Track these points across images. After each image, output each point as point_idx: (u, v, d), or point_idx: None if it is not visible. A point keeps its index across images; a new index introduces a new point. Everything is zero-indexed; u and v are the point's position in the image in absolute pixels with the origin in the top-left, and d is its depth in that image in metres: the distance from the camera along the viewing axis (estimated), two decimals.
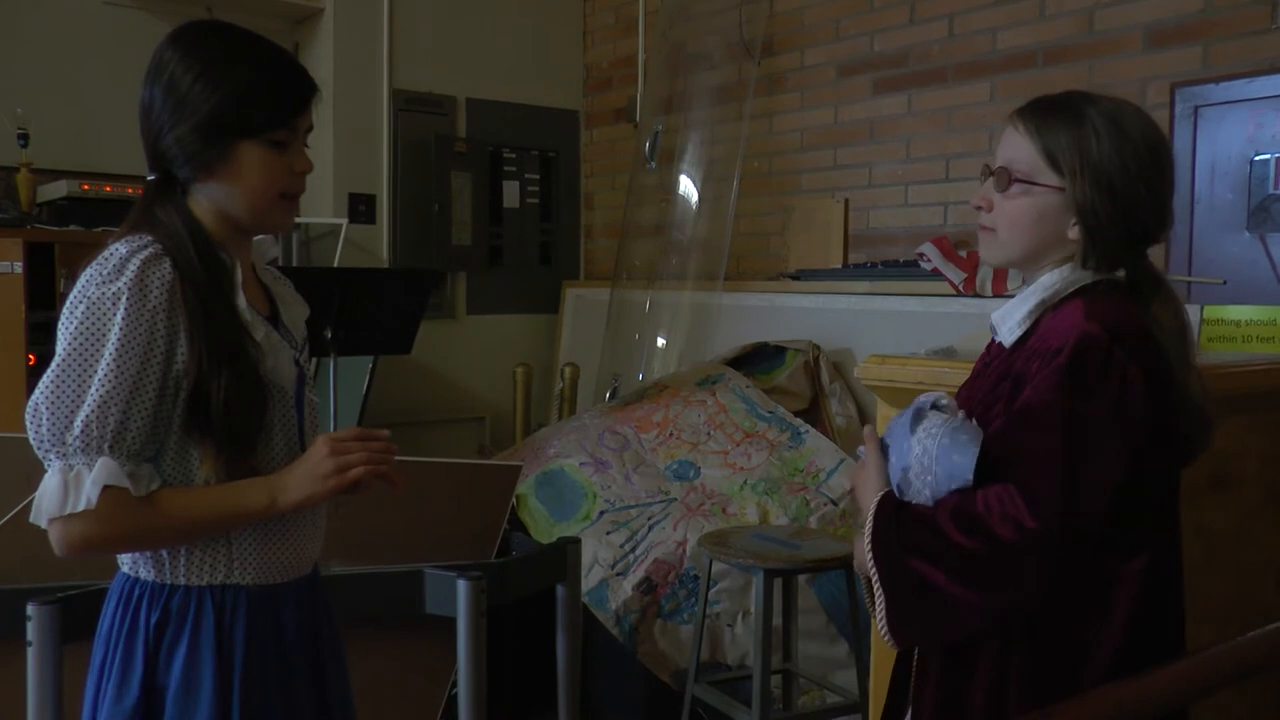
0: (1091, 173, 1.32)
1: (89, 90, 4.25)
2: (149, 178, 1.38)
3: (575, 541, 2.40)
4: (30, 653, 1.72)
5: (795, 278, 4.20)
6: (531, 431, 4.27)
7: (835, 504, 3.14)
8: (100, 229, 3.91)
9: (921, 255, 3.53)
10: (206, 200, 1.36)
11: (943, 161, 3.87)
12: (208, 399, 1.28)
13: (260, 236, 1.48)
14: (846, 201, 4.19)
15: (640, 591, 2.95)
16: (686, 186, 4.47)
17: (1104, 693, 1.13)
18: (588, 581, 2.93)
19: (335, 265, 4.45)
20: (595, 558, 3.03)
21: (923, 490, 1.30)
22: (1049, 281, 1.37)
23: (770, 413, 3.50)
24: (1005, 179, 1.38)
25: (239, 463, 1.32)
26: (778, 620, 2.69)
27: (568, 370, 4.56)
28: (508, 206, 5.14)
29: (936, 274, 3.48)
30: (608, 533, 3.13)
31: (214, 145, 1.32)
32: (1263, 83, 2.97)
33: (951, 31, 3.84)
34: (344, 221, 4.59)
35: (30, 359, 3.63)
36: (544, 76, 5.29)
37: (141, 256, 1.27)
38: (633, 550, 3.06)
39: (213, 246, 1.34)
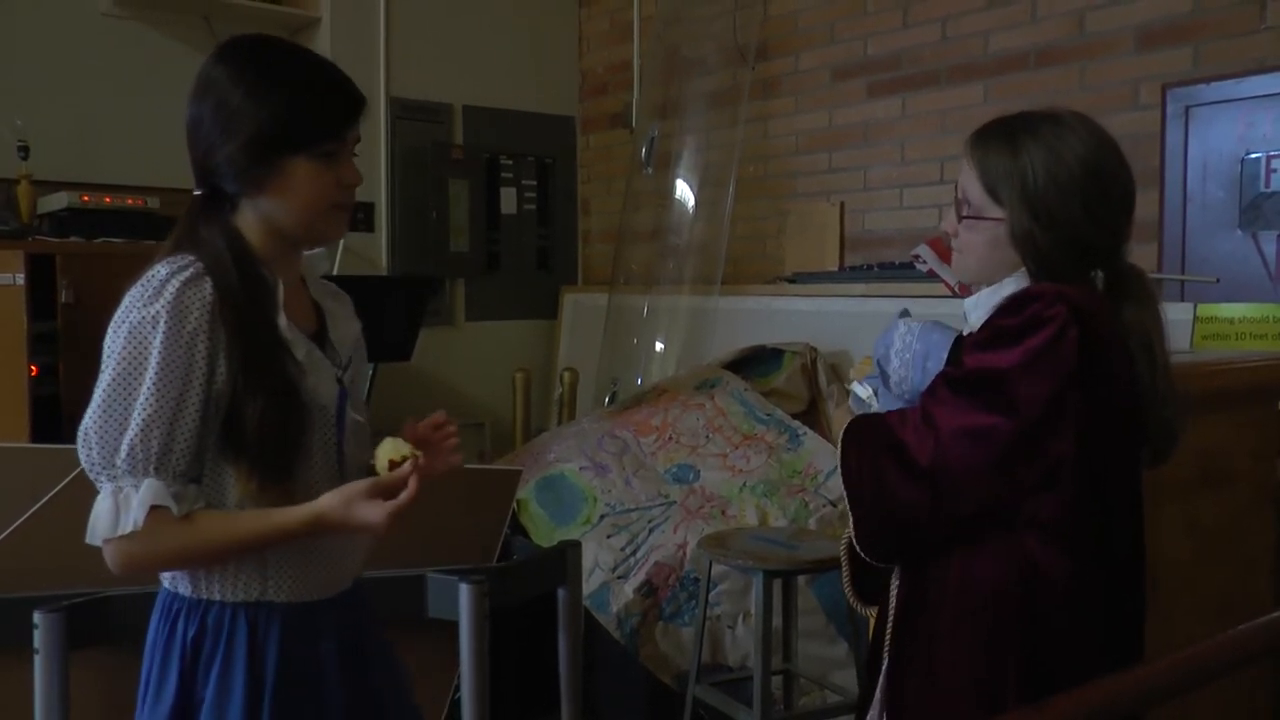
0: (1028, 204, 1.38)
1: (88, 102, 4.27)
2: (195, 193, 1.37)
3: (576, 545, 2.41)
4: (37, 660, 1.73)
5: (792, 281, 4.22)
6: (531, 436, 4.29)
7: (834, 505, 3.15)
8: (101, 240, 3.93)
9: (917, 257, 3.53)
10: (255, 215, 1.35)
11: (937, 164, 3.89)
12: (243, 420, 1.27)
13: (311, 251, 1.47)
14: (842, 204, 4.22)
15: (641, 594, 2.97)
16: (683, 191, 4.49)
17: (1096, 686, 1.15)
18: (589, 585, 2.94)
19: (334, 274, 4.47)
20: (596, 561, 3.04)
21: (900, 368, 1.45)
22: (1022, 279, 1.43)
23: (768, 415, 3.51)
24: (958, 213, 1.47)
25: (273, 486, 1.31)
26: (777, 621, 2.70)
27: (567, 375, 4.58)
28: (505, 213, 5.16)
29: (932, 275, 3.49)
30: (608, 536, 3.14)
31: (264, 161, 1.31)
32: (1253, 82, 2.99)
33: (944, 35, 3.87)
34: None
35: (32, 370, 3.64)
36: (540, 83, 5.31)
37: (181, 278, 1.27)
38: (633, 553, 3.08)
39: (255, 264, 1.33)
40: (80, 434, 1.27)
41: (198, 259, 1.30)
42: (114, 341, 1.27)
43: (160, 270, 1.28)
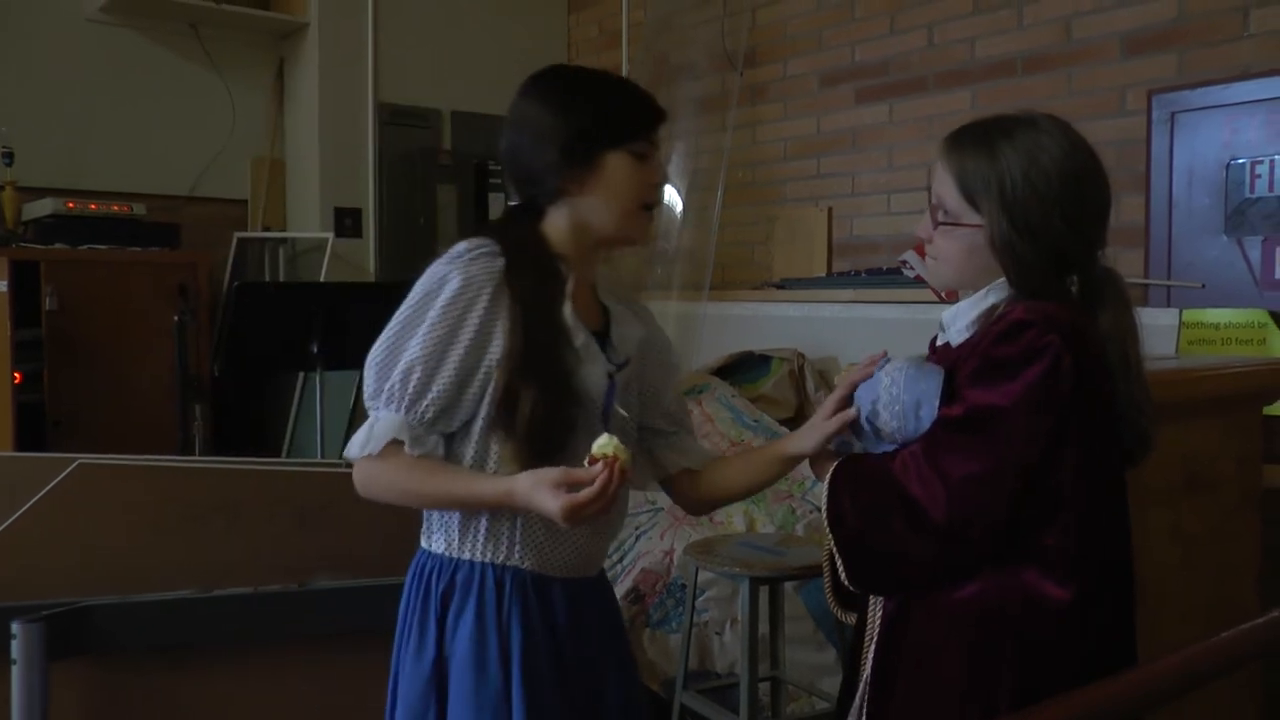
0: (1007, 212, 1.36)
1: (74, 108, 4.25)
2: (509, 204, 1.49)
3: None
4: (15, 672, 1.71)
5: (780, 287, 4.22)
6: None
7: (820, 511, 3.15)
8: (86, 246, 3.91)
9: (904, 263, 3.55)
10: (567, 215, 1.44)
11: (924, 169, 3.88)
12: (517, 400, 1.34)
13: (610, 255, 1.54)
14: (830, 210, 4.22)
15: (628, 601, 2.96)
16: (671, 197, 4.50)
17: (1084, 692, 1.14)
18: None
19: (321, 279, 4.46)
20: None
21: (890, 421, 1.38)
22: (1003, 290, 1.40)
23: (756, 421, 3.51)
24: (934, 219, 1.45)
25: (539, 467, 1.34)
26: (765, 628, 2.70)
27: None
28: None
29: (919, 281, 3.50)
30: None
31: (583, 159, 1.40)
32: (1238, 88, 3.01)
33: (931, 41, 3.88)
34: (330, 236, 4.60)
35: (16, 377, 3.63)
36: None
37: (478, 250, 1.38)
38: (620, 560, 3.07)
39: (552, 256, 1.42)
40: (367, 362, 1.39)
41: (497, 242, 1.40)
42: (411, 294, 1.38)
43: (462, 245, 1.40)
